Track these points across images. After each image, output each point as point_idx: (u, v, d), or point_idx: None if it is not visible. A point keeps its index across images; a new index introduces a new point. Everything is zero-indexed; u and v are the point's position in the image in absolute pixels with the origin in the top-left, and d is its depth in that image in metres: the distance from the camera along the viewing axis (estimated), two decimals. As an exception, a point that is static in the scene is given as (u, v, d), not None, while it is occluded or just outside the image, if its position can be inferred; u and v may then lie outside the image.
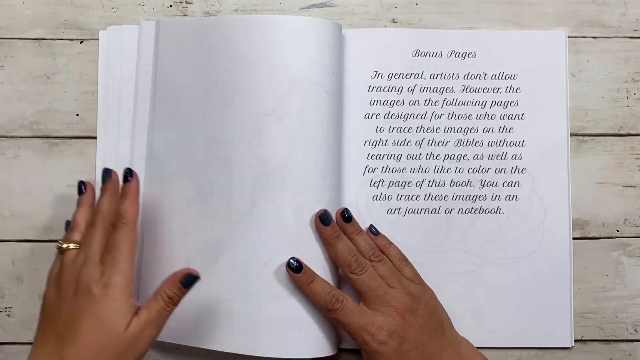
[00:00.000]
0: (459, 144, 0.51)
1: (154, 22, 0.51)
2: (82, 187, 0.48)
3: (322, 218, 0.47)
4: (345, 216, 0.48)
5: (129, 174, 0.47)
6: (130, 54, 0.52)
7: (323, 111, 0.48)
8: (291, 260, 0.46)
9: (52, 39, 0.52)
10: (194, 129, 0.49)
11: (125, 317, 0.41)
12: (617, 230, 0.52)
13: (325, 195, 0.48)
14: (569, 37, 0.53)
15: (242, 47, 0.48)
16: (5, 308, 0.51)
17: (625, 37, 0.53)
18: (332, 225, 0.47)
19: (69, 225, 0.47)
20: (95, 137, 0.52)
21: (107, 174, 0.47)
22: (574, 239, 0.51)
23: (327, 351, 0.47)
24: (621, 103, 0.53)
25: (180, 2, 0.53)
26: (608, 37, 0.53)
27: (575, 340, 0.51)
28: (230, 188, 0.47)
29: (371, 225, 0.49)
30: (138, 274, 0.49)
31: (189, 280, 0.43)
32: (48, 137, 0.52)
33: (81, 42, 0.52)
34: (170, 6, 0.53)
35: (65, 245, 0.44)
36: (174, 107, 0.50)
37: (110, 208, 0.45)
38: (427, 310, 0.46)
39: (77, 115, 0.52)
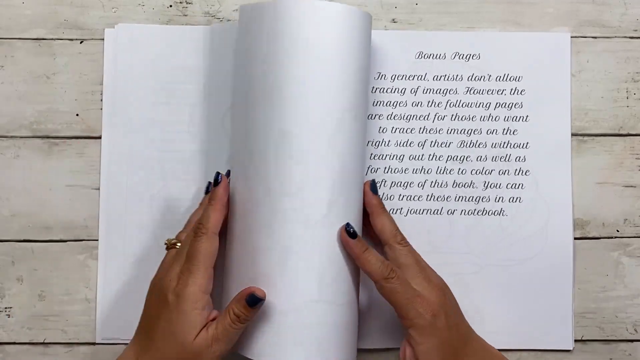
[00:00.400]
0: (462, 145, 0.51)
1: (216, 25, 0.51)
2: (209, 186, 0.48)
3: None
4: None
5: (217, 177, 0.45)
6: (138, 52, 0.52)
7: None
8: (347, 227, 0.44)
9: (52, 39, 0.52)
10: (263, 124, 0.44)
11: (193, 329, 0.41)
12: (617, 230, 0.52)
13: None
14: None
15: (312, 37, 0.44)
16: (5, 308, 0.51)
17: (625, 37, 0.53)
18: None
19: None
20: (95, 137, 0.52)
21: (217, 177, 0.46)
22: (574, 239, 0.51)
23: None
24: (621, 103, 0.53)
25: (180, 2, 0.53)
26: (608, 37, 0.53)
27: (575, 341, 0.51)
28: (304, 188, 0.44)
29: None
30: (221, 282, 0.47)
31: (252, 300, 0.41)
32: (48, 137, 0.52)
33: (81, 42, 0.52)
34: (170, 6, 0.53)
35: (169, 243, 0.45)
36: (244, 100, 0.46)
37: (215, 223, 0.44)
38: (451, 293, 0.46)
39: (77, 115, 0.52)
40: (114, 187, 0.51)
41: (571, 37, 0.53)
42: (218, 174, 0.46)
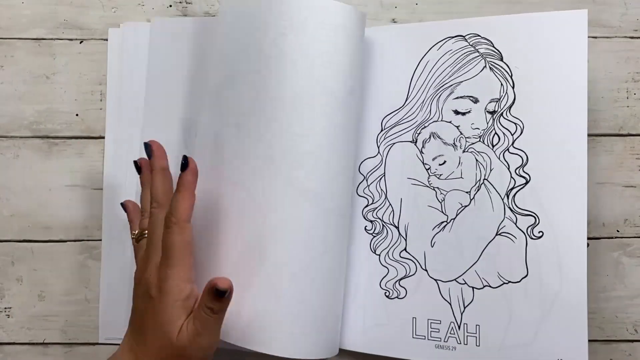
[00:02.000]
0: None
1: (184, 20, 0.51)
2: (138, 168, 0.46)
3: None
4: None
5: (185, 161, 0.42)
6: (143, 52, 0.52)
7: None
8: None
9: (52, 39, 0.52)
10: (243, 125, 0.45)
11: (176, 324, 0.41)
12: (617, 231, 0.52)
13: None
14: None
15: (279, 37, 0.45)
16: (5, 308, 0.51)
17: (625, 37, 0.53)
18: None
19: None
20: (95, 137, 0.52)
21: (147, 149, 0.44)
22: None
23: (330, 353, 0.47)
24: (621, 103, 0.53)
25: (180, 2, 0.53)
26: (608, 37, 0.53)
27: (575, 340, 0.51)
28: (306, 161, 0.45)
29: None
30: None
31: (218, 292, 0.40)
32: (48, 137, 0.52)
33: (81, 42, 0.52)
34: (170, 6, 0.53)
35: (137, 236, 0.45)
36: (217, 101, 0.47)
37: (165, 193, 0.43)
38: None
39: (77, 115, 0.52)
40: (116, 187, 0.51)
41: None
42: (185, 157, 0.42)
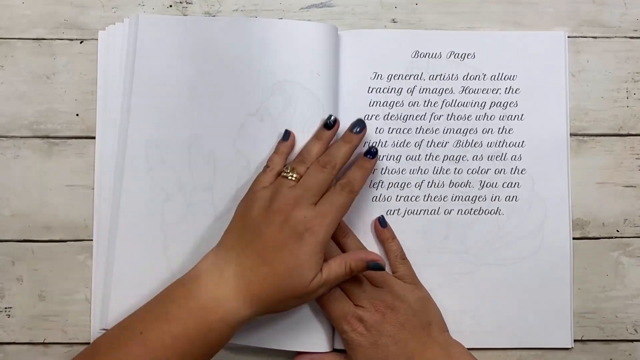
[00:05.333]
0: (458, 145, 0.51)
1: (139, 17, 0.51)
2: (333, 121, 0.48)
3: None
4: (380, 220, 0.50)
5: (374, 150, 0.48)
6: (149, 42, 0.51)
7: (307, 113, 0.49)
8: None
9: (52, 39, 0.52)
10: (177, 126, 0.50)
11: (313, 271, 0.43)
12: (617, 230, 0.52)
13: None
14: (569, 37, 0.53)
15: (227, 48, 0.50)
16: (5, 308, 0.51)
17: (625, 37, 0.53)
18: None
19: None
20: (95, 137, 0.52)
21: (359, 125, 0.48)
22: (574, 239, 0.51)
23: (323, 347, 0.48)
24: (621, 103, 0.53)
25: (180, 2, 0.53)
26: (608, 37, 0.53)
27: (575, 341, 0.51)
28: (214, 183, 0.49)
29: (382, 216, 0.50)
30: (111, 268, 0.49)
31: (376, 266, 0.45)
32: (48, 137, 0.52)
33: (81, 42, 0.52)
34: (170, 6, 0.53)
35: (291, 175, 0.46)
36: (154, 105, 0.50)
37: (343, 158, 0.46)
38: (411, 309, 0.47)
39: (77, 115, 0.52)
40: (107, 187, 0.51)
41: (571, 37, 0.53)
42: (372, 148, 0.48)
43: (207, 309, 0.41)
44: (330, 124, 0.48)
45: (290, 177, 0.45)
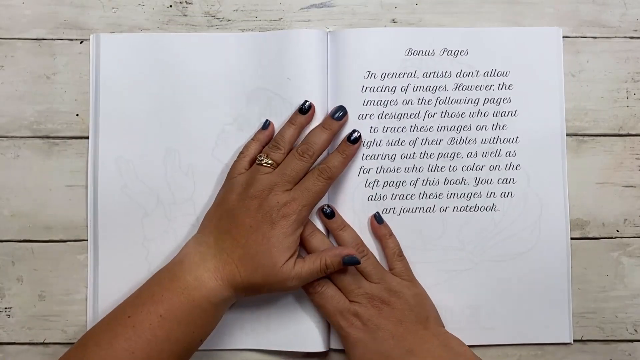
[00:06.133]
0: (452, 142, 0.51)
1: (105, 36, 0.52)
2: (307, 108, 0.49)
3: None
4: (328, 212, 0.49)
5: (357, 135, 0.49)
6: (113, 61, 0.52)
7: (282, 117, 0.50)
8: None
9: (52, 39, 0.52)
10: (150, 141, 0.51)
11: (283, 253, 0.44)
12: (617, 231, 0.52)
13: None
14: (569, 37, 0.53)
15: (194, 63, 0.51)
16: (5, 308, 0.51)
17: (625, 37, 0.53)
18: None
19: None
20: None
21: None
22: (573, 239, 0.51)
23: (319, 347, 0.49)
24: (621, 103, 0.53)
25: (180, 2, 0.53)
26: (608, 37, 0.53)
27: (575, 340, 0.51)
28: (194, 194, 0.51)
29: (377, 213, 0.50)
30: (96, 283, 0.50)
31: (351, 260, 0.46)
32: (48, 137, 0.52)
33: (81, 42, 0.52)
34: (170, 6, 0.53)
35: (265, 161, 0.47)
36: (122, 122, 0.51)
37: (322, 145, 0.47)
38: (408, 304, 0.47)
39: (77, 115, 0.52)
40: (103, 187, 0.51)
41: (571, 37, 0.53)
42: (356, 134, 0.50)
43: (191, 287, 0.43)
44: (305, 109, 0.49)
45: (265, 164, 0.47)
